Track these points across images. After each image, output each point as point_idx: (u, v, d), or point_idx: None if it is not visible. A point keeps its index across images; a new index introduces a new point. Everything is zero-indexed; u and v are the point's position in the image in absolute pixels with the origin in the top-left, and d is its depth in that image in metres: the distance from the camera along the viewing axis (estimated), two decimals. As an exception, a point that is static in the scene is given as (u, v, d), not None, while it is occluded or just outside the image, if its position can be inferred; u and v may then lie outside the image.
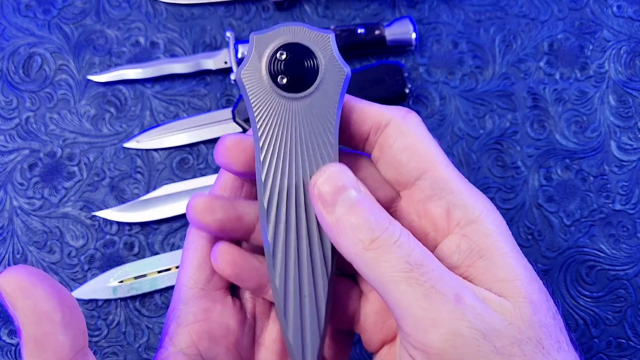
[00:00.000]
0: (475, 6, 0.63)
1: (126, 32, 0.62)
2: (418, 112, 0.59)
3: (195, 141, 0.58)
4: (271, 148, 0.29)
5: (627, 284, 0.55)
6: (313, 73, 0.29)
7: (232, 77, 0.59)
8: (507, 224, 0.56)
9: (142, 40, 0.62)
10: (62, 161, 0.58)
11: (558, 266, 0.55)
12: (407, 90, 0.57)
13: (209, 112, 0.59)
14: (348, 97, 0.31)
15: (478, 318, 0.25)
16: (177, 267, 0.54)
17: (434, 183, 0.29)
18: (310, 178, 0.29)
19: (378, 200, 0.29)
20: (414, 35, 0.59)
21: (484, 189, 0.57)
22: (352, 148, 0.32)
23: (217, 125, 0.58)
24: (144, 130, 0.58)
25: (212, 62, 0.59)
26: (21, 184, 0.57)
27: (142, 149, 0.58)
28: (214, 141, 0.58)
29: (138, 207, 0.55)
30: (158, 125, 0.58)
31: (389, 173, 0.31)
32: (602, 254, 0.55)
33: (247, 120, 0.57)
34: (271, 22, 0.62)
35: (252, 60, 0.29)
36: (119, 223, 0.56)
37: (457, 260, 0.28)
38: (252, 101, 0.29)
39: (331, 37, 0.29)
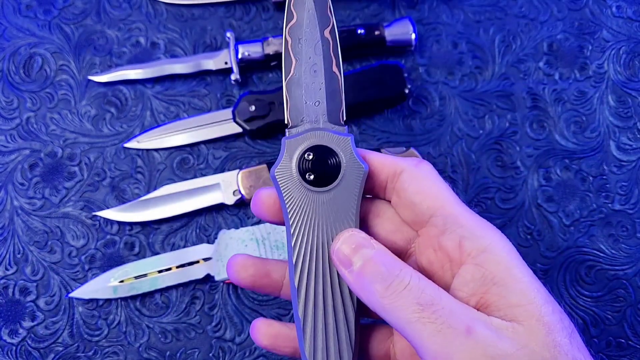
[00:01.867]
0: (475, 7, 0.63)
1: (127, 33, 0.62)
2: (418, 112, 0.59)
3: (195, 141, 0.58)
4: (301, 234, 0.33)
5: (626, 284, 0.55)
6: (336, 170, 0.33)
7: (233, 77, 0.59)
8: (507, 224, 0.57)
9: (142, 40, 0.62)
10: (62, 161, 0.58)
11: (557, 266, 0.55)
12: (406, 91, 0.57)
13: (210, 113, 0.59)
14: (366, 152, 0.35)
15: (490, 346, 0.27)
16: (177, 267, 0.54)
17: (446, 219, 0.32)
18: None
19: (397, 242, 0.34)
20: (413, 36, 0.59)
21: (484, 189, 0.57)
22: (374, 196, 0.36)
23: (217, 125, 0.58)
24: (144, 130, 0.59)
25: (212, 62, 0.60)
26: (22, 184, 0.57)
27: (142, 149, 0.58)
28: (214, 141, 0.59)
29: (138, 207, 0.55)
30: (158, 126, 0.58)
31: (406, 214, 0.34)
32: (601, 254, 0.56)
33: (247, 121, 0.57)
34: (271, 23, 0.62)
35: (284, 161, 0.34)
36: (119, 223, 0.56)
37: (473, 288, 0.30)
38: (284, 195, 0.33)
39: (350, 139, 0.34)
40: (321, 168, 0.33)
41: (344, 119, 0.35)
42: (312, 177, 0.33)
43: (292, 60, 0.35)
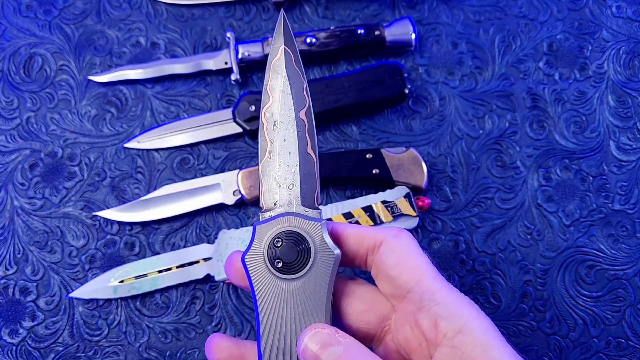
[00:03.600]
0: (475, 7, 0.63)
1: (127, 33, 0.62)
2: (418, 112, 0.59)
3: (195, 141, 0.58)
4: (269, 323, 0.32)
5: (626, 284, 0.55)
6: (305, 257, 0.33)
7: (233, 77, 0.59)
8: (507, 223, 0.57)
9: (142, 40, 0.62)
10: (62, 161, 0.58)
11: (557, 266, 0.55)
12: (406, 91, 0.57)
13: (210, 113, 0.59)
14: (344, 225, 0.35)
15: None
16: (177, 267, 0.54)
17: (422, 295, 0.31)
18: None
19: (371, 321, 0.33)
20: (413, 36, 0.59)
21: (484, 189, 0.57)
22: (356, 268, 0.35)
23: (217, 125, 0.58)
24: (144, 130, 0.59)
25: (212, 62, 0.60)
26: (22, 184, 0.57)
27: (142, 149, 0.58)
28: (214, 141, 0.59)
29: (139, 207, 0.55)
30: (159, 126, 0.58)
31: (385, 288, 0.34)
32: (601, 254, 0.56)
33: (247, 121, 0.57)
34: (271, 23, 0.62)
35: (255, 246, 0.33)
36: (119, 223, 0.56)
37: None
38: (253, 282, 0.33)
39: (322, 225, 0.33)
40: (290, 255, 0.33)
41: (319, 202, 0.35)
42: (280, 264, 0.32)
43: (267, 142, 0.35)
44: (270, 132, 0.35)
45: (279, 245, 0.33)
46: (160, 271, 0.54)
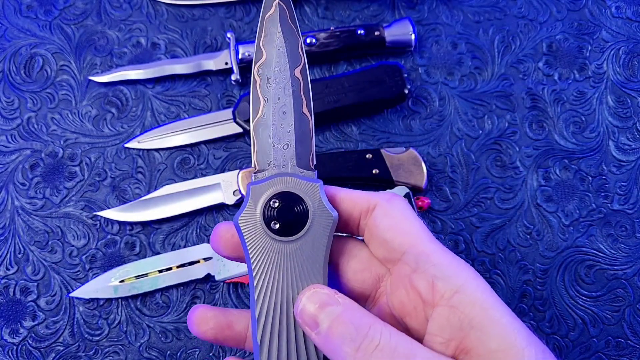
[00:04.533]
0: (475, 7, 0.63)
1: (127, 33, 0.62)
2: (417, 113, 0.60)
3: (196, 141, 0.58)
4: (265, 287, 0.31)
5: (625, 284, 0.55)
6: (303, 219, 0.31)
7: (233, 77, 0.59)
8: (506, 223, 0.57)
9: (143, 41, 0.62)
10: (63, 161, 0.58)
11: (557, 266, 0.55)
12: (406, 91, 0.57)
13: (210, 113, 0.59)
14: (337, 190, 0.33)
15: None
16: (178, 267, 0.54)
17: (417, 257, 0.31)
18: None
19: (366, 280, 0.32)
20: (413, 36, 0.60)
21: (483, 189, 0.57)
22: (348, 233, 0.34)
23: (217, 125, 0.58)
24: (145, 130, 0.59)
25: (212, 62, 0.60)
26: (23, 184, 0.58)
27: (143, 149, 0.58)
28: (214, 141, 0.59)
29: (139, 207, 0.56)
30: (159, 126, 0.59)
31: (378, 252, 0.33)
32: (600, 254, 0.56)
33: (247, 121, 0.57)
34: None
35: (249, 208, 0.32)
36: (120, 223, 0.56)
37: (450, 333, 0.29)
38: (247, 244, 0.31)
39: (319, 186, 0.32)
40: (287, 216, 0.31)
41: (314, 163, 0.33)
42: (277, 225, 0.31)
43: (261, 100, 0.33)
44: (263, 90, 0.33)
45: (275, 206, 0.31)
46: (160, 271, 0.54)
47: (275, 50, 0.34)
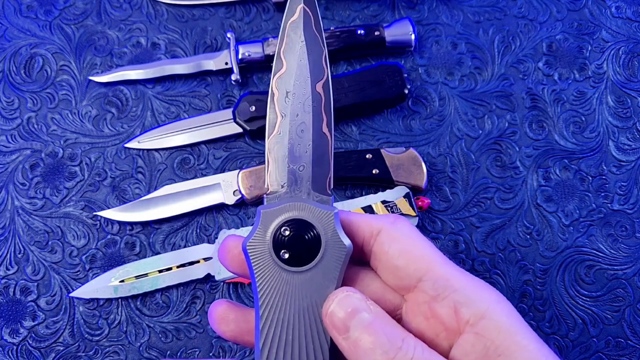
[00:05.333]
0: (475, 7, 0.63)
1: (127, 33, 0.62)
2: (417, 113, 0.60)
3: (196, 141, 0.58)
4: (270, 317, 0.30)
5: (625, 284, 0.55)
6: (315, 249, 0.30)
7: (233, 77, 0.59)
8: (506, 223, 0.57)
9: (143, 41, 0.62)
10: (63, 161, 0.58)
11: (557, 266, 0.55)
12: (406, 91, 0.57)
13: (210, 113, 0.59)
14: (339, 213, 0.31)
15: None
16: (178, 267, 0.54)
17: (436, 283, 0.29)
18: (323, 312, 0.29)
19: (384, 307, 0.29)
20: (413, 36, 0.60)
21: (483, 189, 0.57)
22: (350, 260, 0.32)
23: (217, 125, 0.58)
24: (145, 130, 0.59)
25: (212, 63, 0.60)
26: (23, 184, 0.58)
27: (143, 149, 0.58)
28: (214, 141, 0.59)
29: (139, 207, 0.56)
30: (159, 126, 0.59)
31: (390, 279, 0.31)
32: (600, 254, 0.56)
33: (247, 121, 0.57)
34: (272, 23, 0.63)
35: (259, 233, 0.30)
36: (120, 223, 0.56)
37: (476, 359, 0.28)
38: (255, 271, 0.30)
39: (334, 215, 0.30)
40: (298, 246, 0.30)
41: (331, 187, 0.31)
42: (287, 255, 0.30)
43: (278, 116, 0.31)
44: (281, 104, 0.31)
45: (286, 234, 0.30)
46: (160, 271, 0.54)
47: (296, 62, 0.31)
